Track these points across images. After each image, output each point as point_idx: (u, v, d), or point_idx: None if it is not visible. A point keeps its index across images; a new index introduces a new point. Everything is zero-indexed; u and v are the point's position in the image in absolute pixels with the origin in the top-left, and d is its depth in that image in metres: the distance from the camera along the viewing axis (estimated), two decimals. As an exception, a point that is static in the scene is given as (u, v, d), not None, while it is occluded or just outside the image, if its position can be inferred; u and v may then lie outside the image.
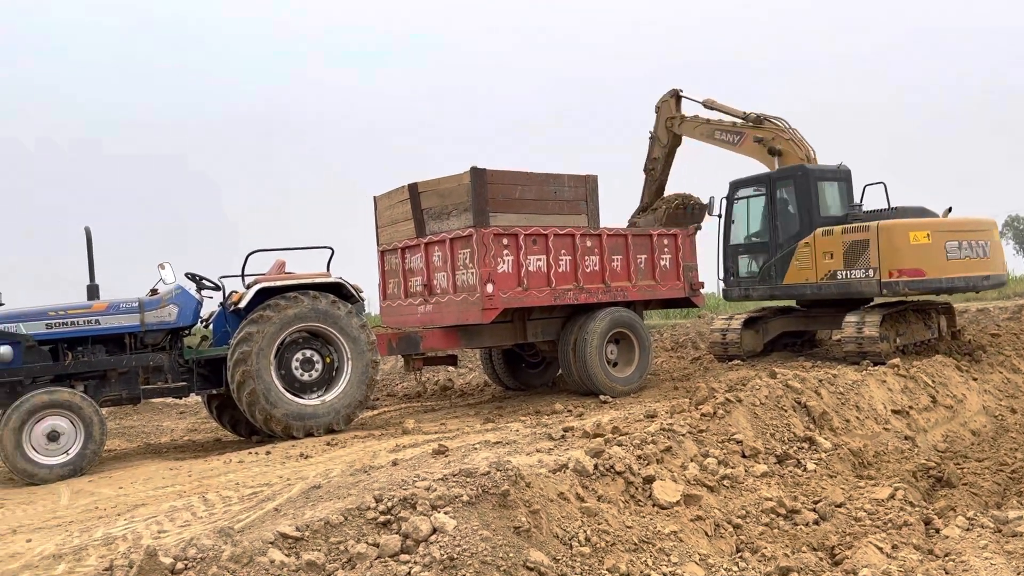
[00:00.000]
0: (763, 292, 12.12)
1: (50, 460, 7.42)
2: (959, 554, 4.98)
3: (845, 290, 11.10)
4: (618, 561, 4.33)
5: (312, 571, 3.78)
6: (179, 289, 8.56)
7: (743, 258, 12.52)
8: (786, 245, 11.70)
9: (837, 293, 11.21)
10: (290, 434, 8.34)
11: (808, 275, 11.41)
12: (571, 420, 8.20)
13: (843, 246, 11.03)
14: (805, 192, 11.51)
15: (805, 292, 11.57)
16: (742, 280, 12.44)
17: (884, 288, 10.68)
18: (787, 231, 11.76)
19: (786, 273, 11.69)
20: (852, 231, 11.02)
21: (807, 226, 11.48)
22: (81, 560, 4.67)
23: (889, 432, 7.82)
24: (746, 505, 5.64)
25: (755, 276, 12.23)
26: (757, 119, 12.20)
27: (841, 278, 11.07)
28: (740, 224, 12.60)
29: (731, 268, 12.56)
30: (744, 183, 12.47)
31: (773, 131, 12.06)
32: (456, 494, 4.30)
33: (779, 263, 11.77)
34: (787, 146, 11.88)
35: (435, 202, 9.99)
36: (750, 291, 12.31)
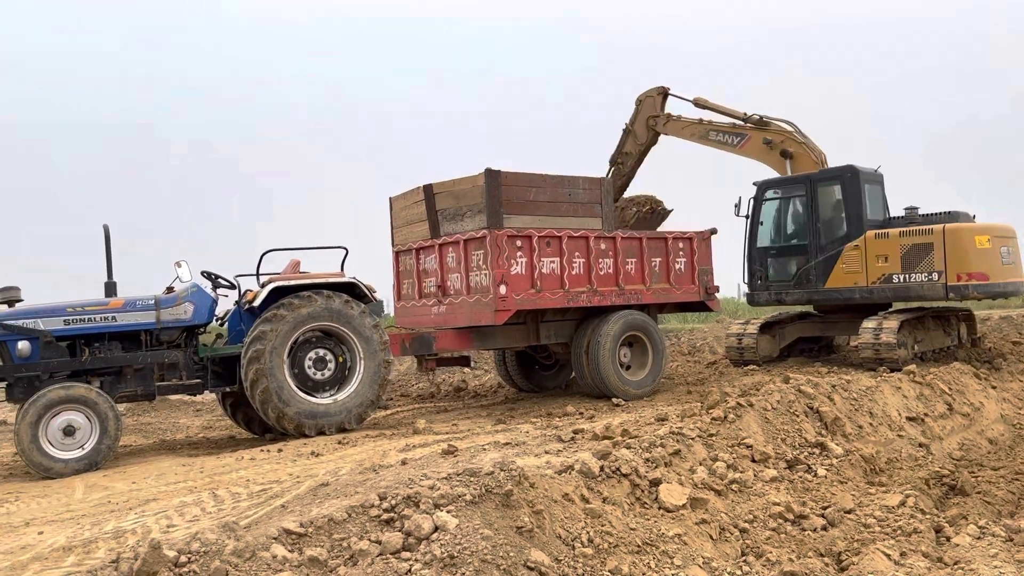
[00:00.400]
0: (799, 296, 11.81)
1: (65, 454, 7.52)
2: (968, 562, 4.93)
3: (903, 294, 10.98)
4: (620, 563, 4.33)
5: (314, 567, 3.81)
6: (195, 287, 8.65)
7: (775, 261, 12.16)
8: (830, 248, 11.45)
9: (892, 296, 11.10)
10: (302, 432, 8.39)
11: (857, 279, 11.19)
12: (582, 422, 8.20)
13: (901, 249, 10.87)
14: (855, 194, 11.26)
15: (853, 296, 11.31)
16: (772, 284, 12.10)
17: (951, 292, 10.59)
18: (831, 233, 11.51)
19: (829, 276, 11.43)
20: (913, 234, 10.86)
21: (856, 229, 11.24)
22: (90, 552, 4.73)
23: (903, 439, 7.75)
24: (754, 510, 5.61)
25: (789, 280, 11.90)
26: (760, 121, 12.02)
27: (898, 282, 10.92)
28: (769, 226, 12.25)
29: (758, 272, 12.19)
30: (775, 183, 12.10)
31: (784, 134, 11.93)
32: (460, 493, 4.32)
33: (821, 266, 11.50)
34: (800, 149, 11.76)
35: (450, 203, 10.02)
36: (783, 295, 11.97)
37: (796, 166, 11.83)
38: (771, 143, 11.90)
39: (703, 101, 12.50)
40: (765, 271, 12.18)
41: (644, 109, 12.74)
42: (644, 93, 12.76)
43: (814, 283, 11.59)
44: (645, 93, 12.74)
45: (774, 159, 12.06)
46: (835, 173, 11.48)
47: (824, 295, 11.57)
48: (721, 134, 12.25)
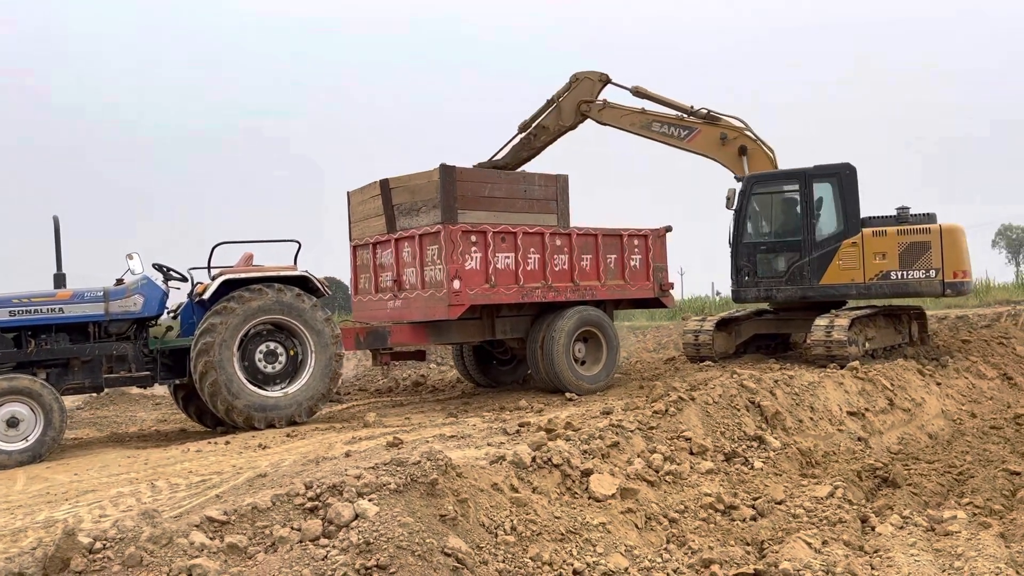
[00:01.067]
0: (791, 293, 11.71)
1: (9, 446, 7.48)
2: (887, 551, 5.08)
3: (901, 290, 11.26)
4: (542, 550, 4.41)
5: (233, 553, 3.85)
6: (145, 279, 8.63)
7: (764, 256, 11.97)
8: (825, 244, 11.47)
9: (891, 293, 11.34)
10: (251, 425, 8.40)
11: (854, 275, 11.32)
12: (530, 416, 8.27)
13: (899, 247, 11.12)
14: (851, 191, 11.35)
15: (850, 292, 11.46)
16: (761, 280, 11.89)
17: (947, 288, 10.99)
18: (824, 231, 11.53)
19: (825, 273, 11.48)
20: (910, 232, 11.13)
21: (853, 226, 11.34)
22: (17, 541, 4.73)
23: (843, 433, 7.91)
24: (685, 500, 5.72)
25: (780, 276, 11.76)
26: (708, 115, 11.87)
27: (896, 278, 11.17)
28: (759, 221, 12.09)
29: (746, 267, 11.93)
30: (766, 178, 11.88)
31: (737, 130, 11.92)
32: (384, 482, 4.38)
33: (816, 262, 11.50)
34: (754, 146, 11.85)
35: (405, 198, 10.06)
36: (773, 291, 11.82)
37: (751, 163, 11.91)
38: (727, 139, 11.85)
39: (643, 90, 12.06)
40: (754, 267, 11.93)
41: (579, 90, 12.09)
42: (583, 73, 12.13)
43: (808, 279, 11.53)
44: (584, 73, 12.13)
45: (728, 155, 11.96)
46: (832, 169, 11.49)
47: (819, 291, 11.55)
48: (666, 126, 11.94)
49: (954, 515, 5.63)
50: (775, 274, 11.86)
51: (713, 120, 11.94)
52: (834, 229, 11.47)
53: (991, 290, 24.02)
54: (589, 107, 12.08)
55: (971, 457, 7.60)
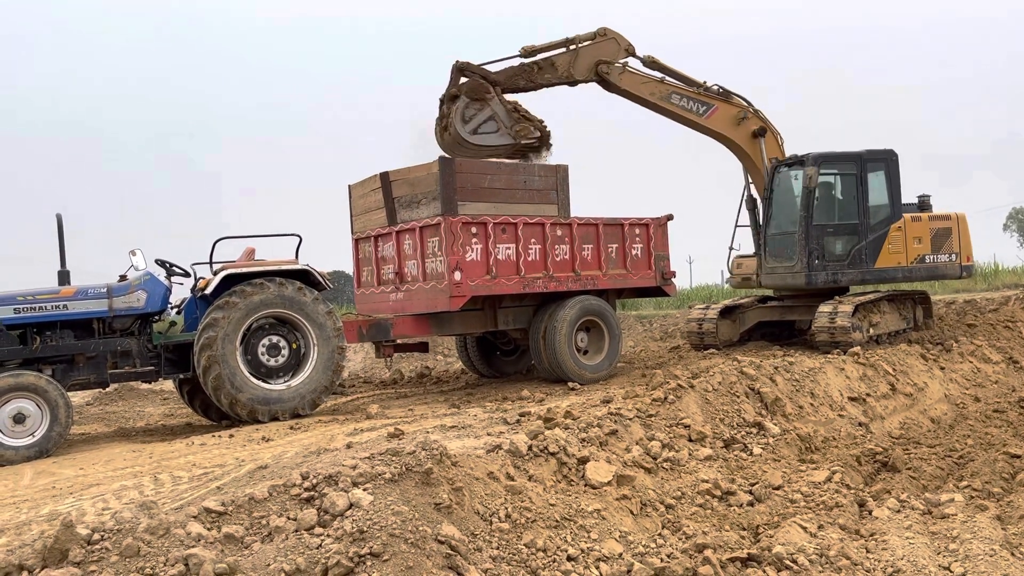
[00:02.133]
0: (853, 276, 11.57)
1: (16, 442, 7.57)
2: (883, 534, 5.10)
3: (932, 273, 11.97)
4: (536, 537, 4.45)
5: (229, 543, 3.91)
6: (148, 275, 8.70)
7: (829, 239, 11.55)
8: (877, 228, 11.57)
9: (925, 276, 11.97)
10: (255, 418, 8.48)
11: (900, 259, 11.66)
12: (531, 406, 8.32)
13: (931, 232, 11.67)
14: (895, 176, 11.65)
15: (896, 275, 11.82)
16: (828, 264, 11.48)
17: (964, 271, 11.84)
18: (877, 215, 11.63)
19: (878, 256, 11.59)
20: (937, 219, 11.72)
21: (898, 211, 11.62)
22: (22, 534, 4.81)
23: (843, 419, 7.92)
24: (682, 487, 5.75)
25: (842, 259, 11.53)
26: (723, 91, 11.51)
27: (929, 262, 11.76)
28: (824, 202, 11.65)
29: (816, 251, 11.39)
30: (830, 159, 11.48)
31: (754, 110, 11.76)
32: (379, 472, 4.43)
33: (871, 246, 11.53)
34: (771, 128, 11.79)
35: (406, 191, 10.10)
36: (839, 275, 11.49)
37: (767, 148, 11.78)
38: (745, 118, 11.56)
39: (657, 61, 11.30)
40: (821, 250, 11.44)
41: (602, 47, 10.99)
42: (612, 31, 11.08)
43: (865, 263, 11.53)
44: (613, 32, 11.08)
45: (743, 136, 11.67)
46: (881, 155, 11.64)
47: (875, 275, 11.67)
48: (686, 99, 11.34)
49: (951, 498, 5.64)
50: (836, 257, 11.60)
51: (727, 97, 11.57)
52: (884, 214, 11.67)
53: (999, 274, 23.91)
54: (609, 68, 11.00)
55: (972, 441, 7.59)
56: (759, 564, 4.47)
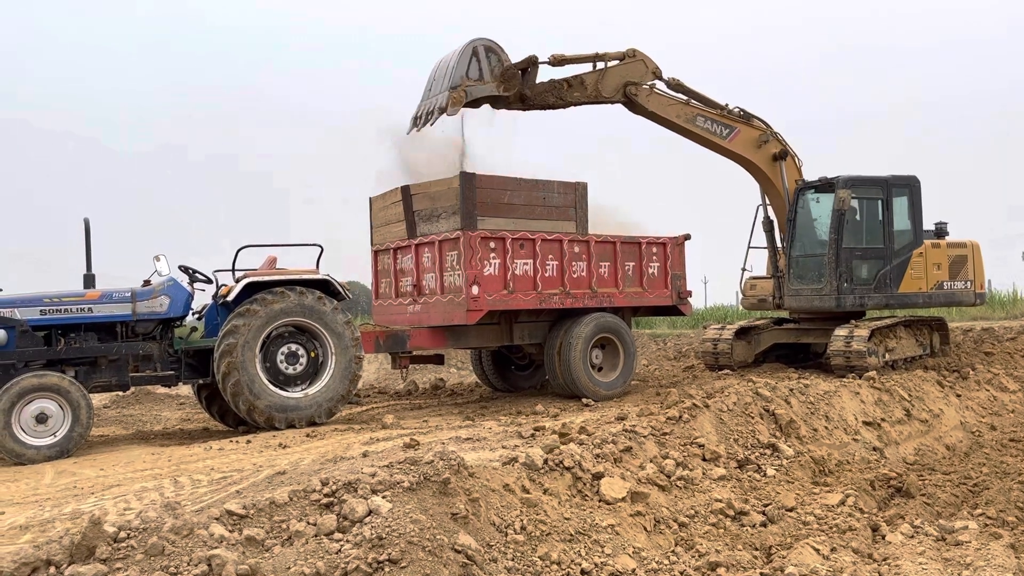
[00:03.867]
0: (878, 300, 11.63)
1: (38, 441, 7.69)
2: (896, 559, 5.11)
3: (949, 300, 12.05)
4: (551, 549, 4.50)
5: (250, 546, 3.98)
6: (171, 281, 8.83)
7: (857, 263, 11.61)
8: (902, 253, 11.67)
9: (943, 302, 12.09)
10: (272, 425, 8.56)
11: (921, 284, 11.76)
12: (546, 421, 8.36)
13: (949, 259, 11.81)
14: (918, 202, 11.76)
15: (917, 301, 11.94)
16: (856, 287, 11.57)
17: (978, 299, 11.99)
18: (901, 239, 11.73)
19: (901, 282, 11.69)
20: (954, 246, 11.89)
21: (919, 237, 11.74)
22: (46, 531, 4.91)
23: (858, 443, 7.92)
24: (696, 505, 5.78)
25: (868, 283, 11.57)
26: (744, 114, 11.58)
27: (946, 288, 11.89)
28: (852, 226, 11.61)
29: (844, 274, 11.41)
30: (858, 182, 11.53)
31: (774, 133, 11.75)
32: (398, 480, 4.49)
33: (895, 271, 11.63)
34: (788, 151, 11.83)
35: (426, 204, 10.21)
36: (865, 299, 11.59)
37: (786, 171, 11.83)
38: (766, 142, 11.62)
39: (679, 83, 11.35)
40: (849, 273, 11.47)
41: (630, 69, 11.03)
42: (641, 53, 11.08)
43: (890, 287, 11.59)
44: (642, 54, 11.08)
45: (764, 159, 11.72)
46: (905, 180, 11.74)
47: (898, 299, 11.77)
48: (710, 122, 11.39)
49: (965, 525, 5.63)
50: (863, 281, 11.63)
51: (748, 120, 11.64)
52: (907, 239, 11.75)
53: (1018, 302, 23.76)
54: (637, 90, 11.02)
55: (987, 469, 7.57)
56: (771, 584, 4.50)
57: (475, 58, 9.98)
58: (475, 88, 9.94)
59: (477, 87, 9.96)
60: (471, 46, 10.00)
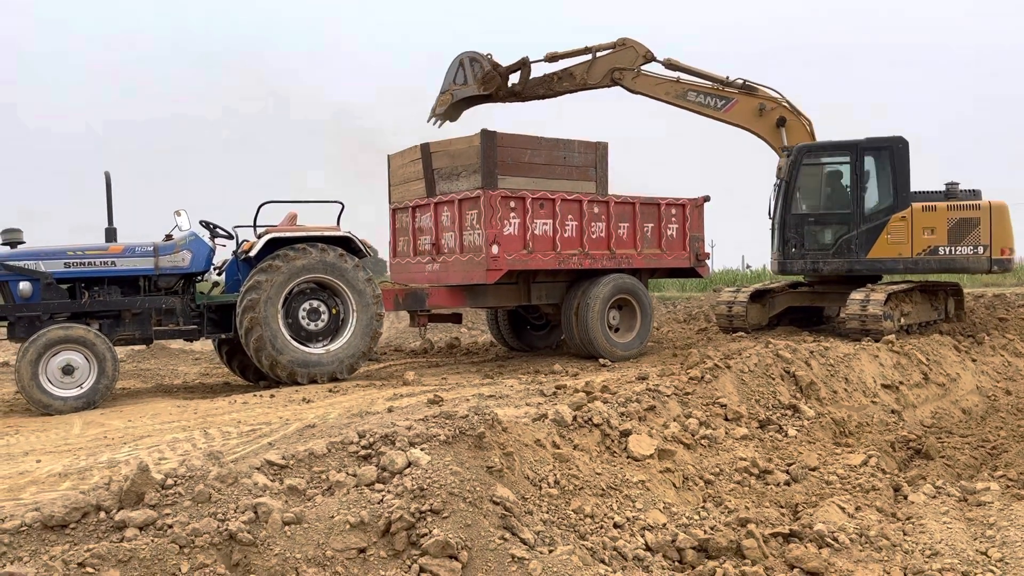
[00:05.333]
0: (837, 266, 11.65)
1: (65, 392, 7.78)
2: (920, 518, 5.18)
3: (948, 266, 11.31)
4: (584, 503, 4.57)
5: (292, 495, 4.05)
6: (193, 236, 8.85)
7: (812, 228, 11.82)
8: (875, 218, 11.45)
9: (937, 268, 11.39)
10: (294, 380, 8.64)
11: (902, 250, 11.35)
12: (566, 379, 8.43)
13: (948, 222, 11.18)
14: (903, 164, 11.32)
15: (896, 267, 11.50)
16: (808, 252, 11.79)
17: (995, 265, 11.10)
18: (876, 203, 11.50)
19: (873, 247, 11.46)
20: (960, 208, 11.17)
21: (903, 200, 11.33)
22: (84, 479, 4.99)
23: (876, 405, 7.98)
24: (720, 463, 5.85)
25: (827, 249, 11.69)
26: (745, 85, 11.74)
27: (944, 254, 11.22)
28: (807, 192, 11.93)
29: (794, 239, 11.81)
30: (817, 148, 11.77)
31: (774, 100, 11.83)
32: (434, 433, 4.55)
33: (863, 236, 11.47)
34: (792, 118, 11.78)
35: (446, 163, 10.17)
36: (820, 264, 11.72)
37: (789, 136, 11.85)
38: (764, 109, 11.77)
39: (675, 62, 11.87)
40: (801, 239, 11.81)
41: (619, 56, 11.81)
42: (631, 40, 11.84)
43: (855, 253, 11.51)
44: (631, 41, 11.83)
45: (766, 126, 11.88)
46: (885, 143, 11.44)
47: (866, 265, 11.54)
48: (702, 95, 11.81)
49: (987, 487, 5.70)
50: (822, 247, 11.77)
51: (750, 91, 11.80)
52: (884, 203, 11.45)
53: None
54: (622, 75, 11.83)
55: (1005, 432, 7.63)
56: (801, 540, 4.57)
57: (461, 67, 11.88)
58: (459, 91, 11.88)
59: (461, 90, 11.90)
60: (458, 58, 11.92)
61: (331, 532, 3.77)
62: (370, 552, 3.74)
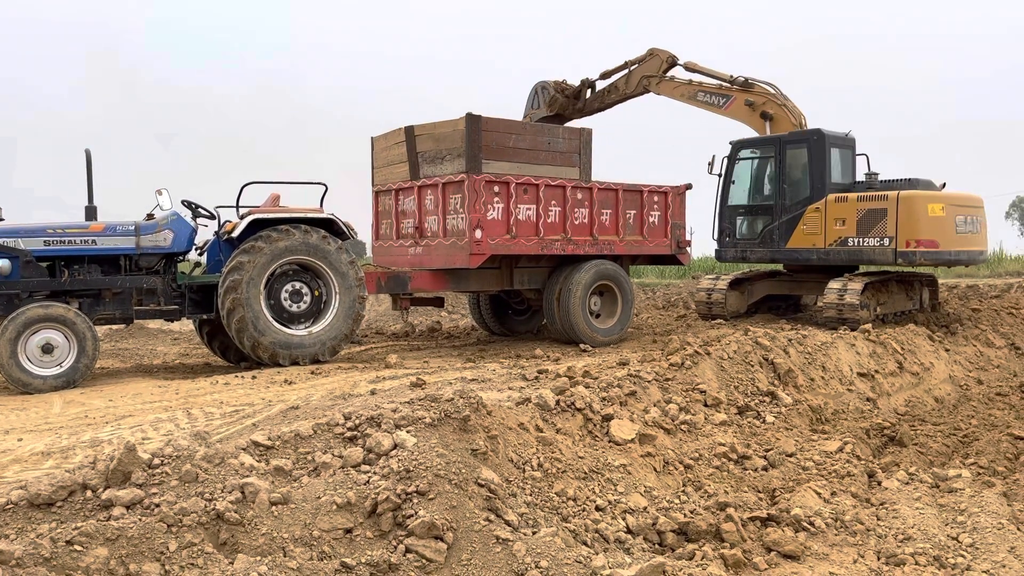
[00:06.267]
0: (762, 255, 12.16)
1: (44, 371, 7.73)
2: (893, 503, 5.30)
3: (855, 257, 11.32)
4: (567, 486, 4.64)
5: (279, 475, 4.08)
6: (175, 215, 8.79)
7: (743, 219, 12.52)
8: (793, 209, 11.77)
9: (847, 260, 11.42)
10: (276, 361, 8.64)
11: (816, 240, 11.54)
12: (547, 364, 8.49)
13: (857, 213, 11.24)
14: (820, 157, 11.54)
15: (810, 257, 11.68)
16: (739, 241, 12.47)
17: (899, 257, 10.98)
18: (795, 195, 11.80)
19: (791, 237, 11.78)
20: (869, 199, 11.19)
21: (818, 191, 11.55)
22: (68, 458, 4.99)
23: (852, 393, 8.11)
24: (700, 448, 5.94)
25: (755, 238, 12.25)
26: (745, 82, 12.24)
27: (852, 245, 11.27)
28: (741, 184, 12.55)
29: (727, 229, 12.62)
30: (748, 143, 12.42)
31: (764, 95, 12.15)
32: (420, 416, 4.59)
33: (784, 226, 11.84)
34: (779, 111, 11.98)
35: (430, 146, 10.16)
36: (747, 253, 12.37)
37: (775, 127, 12.04)
38: (753, 104, 12.11)
39: (693, 65, 12.76)
40: (733, 228, 12.54)
41: (647, 65, 12.96)
42: (657, 50, 12.95)
43: (776, 242, 11.94)
44: (657, 51, 12.94)
45: (756, 120, 12.25)
46: (803, 136, 11.75)
47: (785, 255, 11.94)
48: (708, 95, 12.49)
49: (959, 473, 5.83)
50: (752, 236, 12.33)
51: (747, 87, 12.24)
52: (802, 195, 11.76)
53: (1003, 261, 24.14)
54: (649, 81, 12.92)
55: (976, 421, 7.80)
56: (778, 524, 4.66)
57: (536, 95, 13.87)
58: (535, 114, 13.79)
59: (536, 113, 13.81)
60: (534, 87, 13.91)
61: (318, 512, 3.80)
62: (356, 532, 3.78)
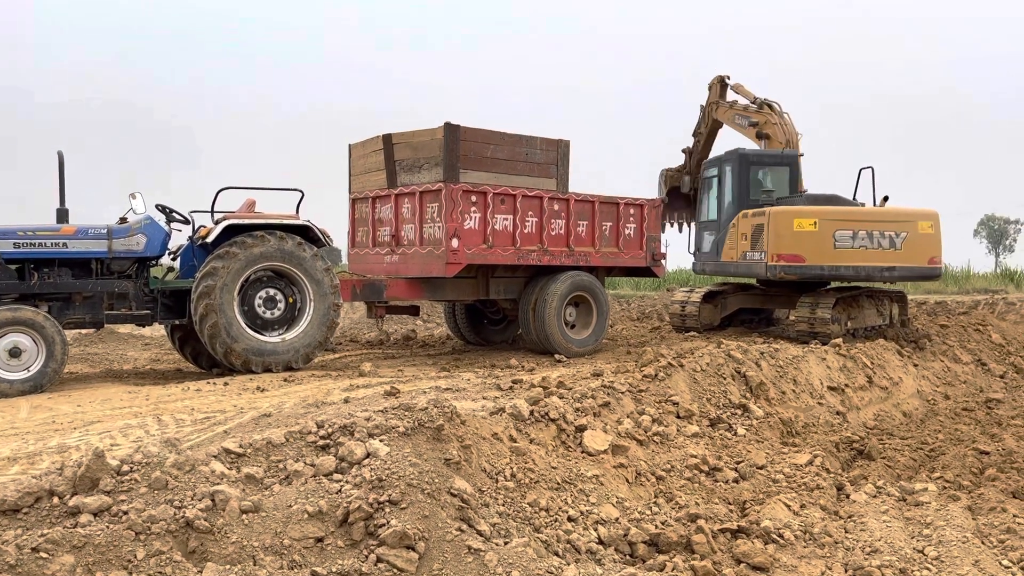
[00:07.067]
0: (714, 268, 12.78)
1: (11, 375, 7.61)
2: (861, 516, 5.36)
3: (745, 271, 11.80)
4: (539, 497, 4.65)
5: (250, 483, 4.04)
6: (148, 219, 8.71)
7: (704, 234, 13.17)
8: (724, 225, 12.34)
9: (744, 273, 11.89)
10: (249, 368, 8.57)
11: (733, 254, 12.03)
12: (522, 374, 8.50)
13: (751, 229, 11.65)
14: (741, 175, 12.14)
15: (728, 270, 12.26)
16: (703, 256, 13.10)
17: (768, 271, 11.24)
18: (728, 211, 12.37)
19: (722, 251, 12.31)
20: (754, 216, 11.61)
21: (739, 208, 12.11)
22: (34, 463, 4.92)
23: (822, 406, 8.21)
24: (672, 460, 5.98)
25: (709, 252, 12.90)
26: (763, 104, 12.81)
27: (748, 259, 11.68)
28: (707, 202, 13.20)
29: (698, 244, 13.30)
30: (710, 163, 13.18)
31: (765, 116, 12.55)
32: (393, 425, 4.58)
33: (720, 241, 12.40)
34: (773, 131, 12.30)
35: (408, 154, 10.16)
36: (706, 266, 13.01)
37: (769, 147, 12.50)
38: (756, 125, 12.73)
39: (738, 87, 13.41)
40: (700, 243, 13.23)
41: (710, 94, 13.70)
42: (715, 78, 13.73)
43: (717, 257, 12.50)
44: (715, 79, 13.71)
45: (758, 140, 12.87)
46: (729, 156, 12.41)
47: (720, 268, 12.51)
48: (740, 117, 13.17)
49: (925, 487, 5.91)
50: (708, 250, 12.97)
51: (761, 107, 12.86)
52: (732, 211, 12.25)
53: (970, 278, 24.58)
54: (712, 108, 13.72)
55: (943, 436, 7.92)
56: (748, 536, 4.70)
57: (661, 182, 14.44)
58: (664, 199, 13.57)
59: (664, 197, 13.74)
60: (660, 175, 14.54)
61: (289, 521, 3.78)
62: (328, 541, 3.76)
